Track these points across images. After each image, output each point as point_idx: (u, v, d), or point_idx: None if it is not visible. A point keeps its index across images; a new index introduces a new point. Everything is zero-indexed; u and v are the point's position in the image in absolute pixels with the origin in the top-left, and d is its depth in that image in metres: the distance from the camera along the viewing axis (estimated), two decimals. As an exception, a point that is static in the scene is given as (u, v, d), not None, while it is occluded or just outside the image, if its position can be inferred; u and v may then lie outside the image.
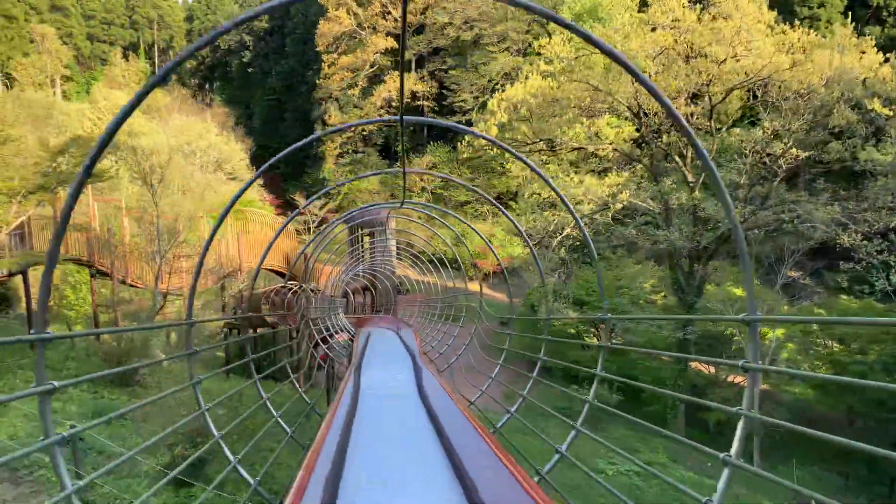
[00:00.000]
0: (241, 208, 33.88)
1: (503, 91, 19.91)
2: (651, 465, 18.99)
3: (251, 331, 20.26)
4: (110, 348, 11.89)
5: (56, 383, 1.91)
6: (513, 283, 36.02)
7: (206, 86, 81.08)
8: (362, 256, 25.93)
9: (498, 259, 7.53)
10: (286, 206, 50.89)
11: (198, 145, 44.34)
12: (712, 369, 25.23)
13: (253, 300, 20.33)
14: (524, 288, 34.05)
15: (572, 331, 31.43)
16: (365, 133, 54.66)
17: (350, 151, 55.50)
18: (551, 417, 4.31)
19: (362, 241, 27.71)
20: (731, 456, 2.13)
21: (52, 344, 14.85)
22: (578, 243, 24.23)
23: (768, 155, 20.73)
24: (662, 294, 28.34)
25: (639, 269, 34.14)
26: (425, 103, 53.41)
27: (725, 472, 2.13)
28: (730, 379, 24.88)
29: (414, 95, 53.57)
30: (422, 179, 49.60)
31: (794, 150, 19.87)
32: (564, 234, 21.27)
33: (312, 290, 19.25)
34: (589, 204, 20.19)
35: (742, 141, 20.48)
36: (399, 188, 42.26)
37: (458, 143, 23.25)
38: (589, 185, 20.19)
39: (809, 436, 1.97)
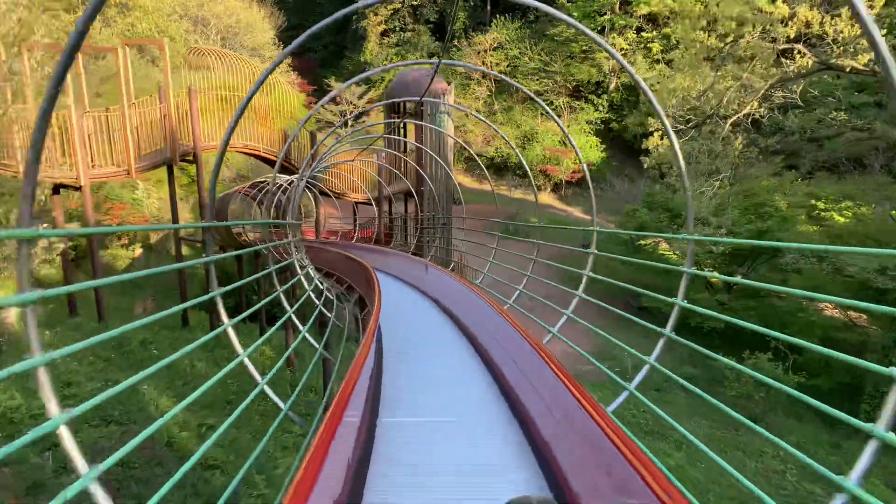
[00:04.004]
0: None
1: None
2: None
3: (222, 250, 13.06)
4: None
5: None
6: (602, 195, 27.61)
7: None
8: (403, 150, 18.32)
9: (580, 158, 6.11)
10: (321, 94, 42.86)
11: (211, 10, 36.16)
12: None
13: (219, 203, 12.96)
14: (620, 202, 25.84)
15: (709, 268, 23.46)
16: (415, 4, 44.85)
17: (397, 29, 46.05)
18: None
19: (404, 130, 19.87)
20: None
21: None
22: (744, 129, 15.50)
23: None
24: (850, 209, 19.52)
25: (776, 182, 25.28)
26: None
27: None
28: None
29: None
30: (483, 63, 40.43)
31: None
32: (743, 112, 12.60)
33: (310, 186, 11.79)
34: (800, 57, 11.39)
35: None
36: (454, 74, 32.37)
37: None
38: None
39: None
